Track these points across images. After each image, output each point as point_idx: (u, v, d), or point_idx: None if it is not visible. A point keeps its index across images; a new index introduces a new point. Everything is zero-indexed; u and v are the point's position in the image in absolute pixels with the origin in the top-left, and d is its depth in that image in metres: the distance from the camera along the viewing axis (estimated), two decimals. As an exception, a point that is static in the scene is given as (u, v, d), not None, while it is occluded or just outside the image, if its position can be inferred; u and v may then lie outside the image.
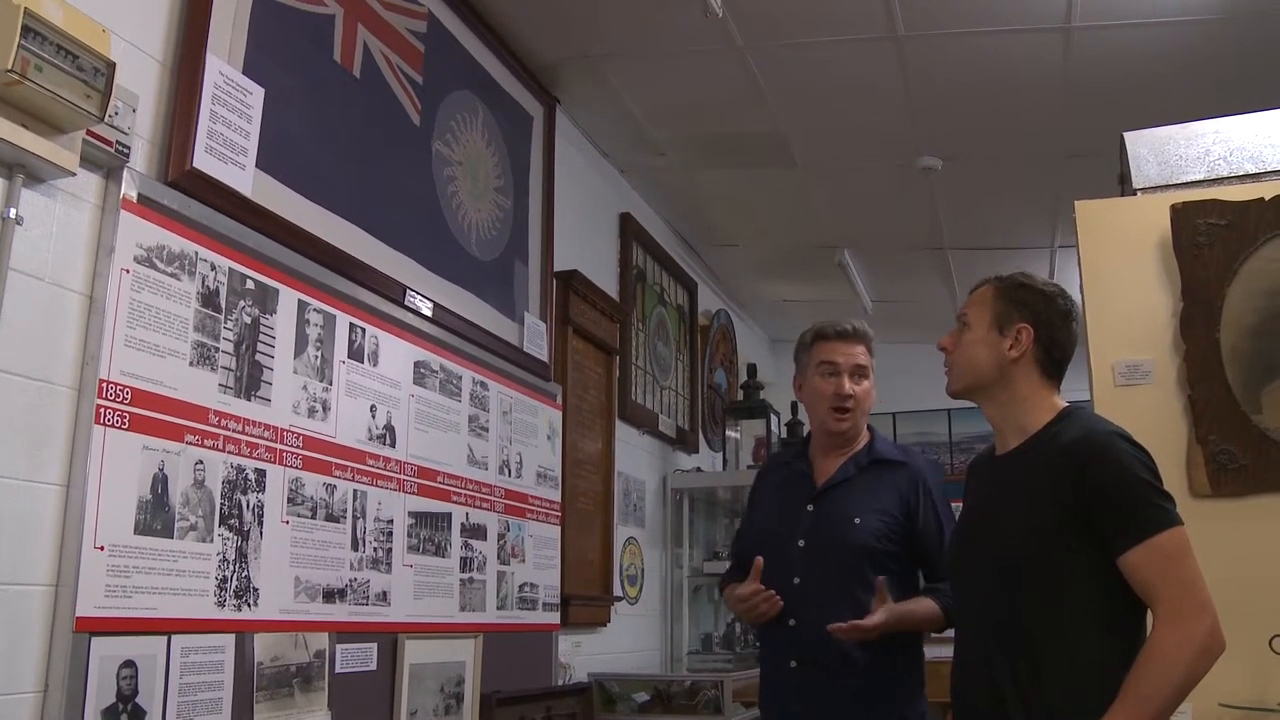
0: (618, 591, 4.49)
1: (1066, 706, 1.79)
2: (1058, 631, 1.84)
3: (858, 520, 2.56)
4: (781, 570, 2.58)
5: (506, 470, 3.49)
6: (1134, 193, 2.79)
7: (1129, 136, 2.85)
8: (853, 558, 2.53)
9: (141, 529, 2.05)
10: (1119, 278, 2.68)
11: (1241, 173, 2.70)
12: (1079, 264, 2.72)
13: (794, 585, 2.56)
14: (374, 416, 2.81)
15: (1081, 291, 2.70)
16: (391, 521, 2.83)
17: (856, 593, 2.49)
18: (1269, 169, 2.69)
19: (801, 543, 2.59)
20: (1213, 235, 2.57)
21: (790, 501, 2.68)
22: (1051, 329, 2.01)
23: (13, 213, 1.86)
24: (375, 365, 2.84)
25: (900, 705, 2.54)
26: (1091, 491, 1.81)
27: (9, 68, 1.73)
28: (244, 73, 2.44)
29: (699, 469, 5.57)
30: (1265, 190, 2.59)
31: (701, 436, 5.86)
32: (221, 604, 2.23)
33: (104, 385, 1.99)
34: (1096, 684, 1.77)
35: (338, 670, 2.58)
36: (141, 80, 2.20)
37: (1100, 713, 1.72)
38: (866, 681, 2.49)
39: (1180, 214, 2.61)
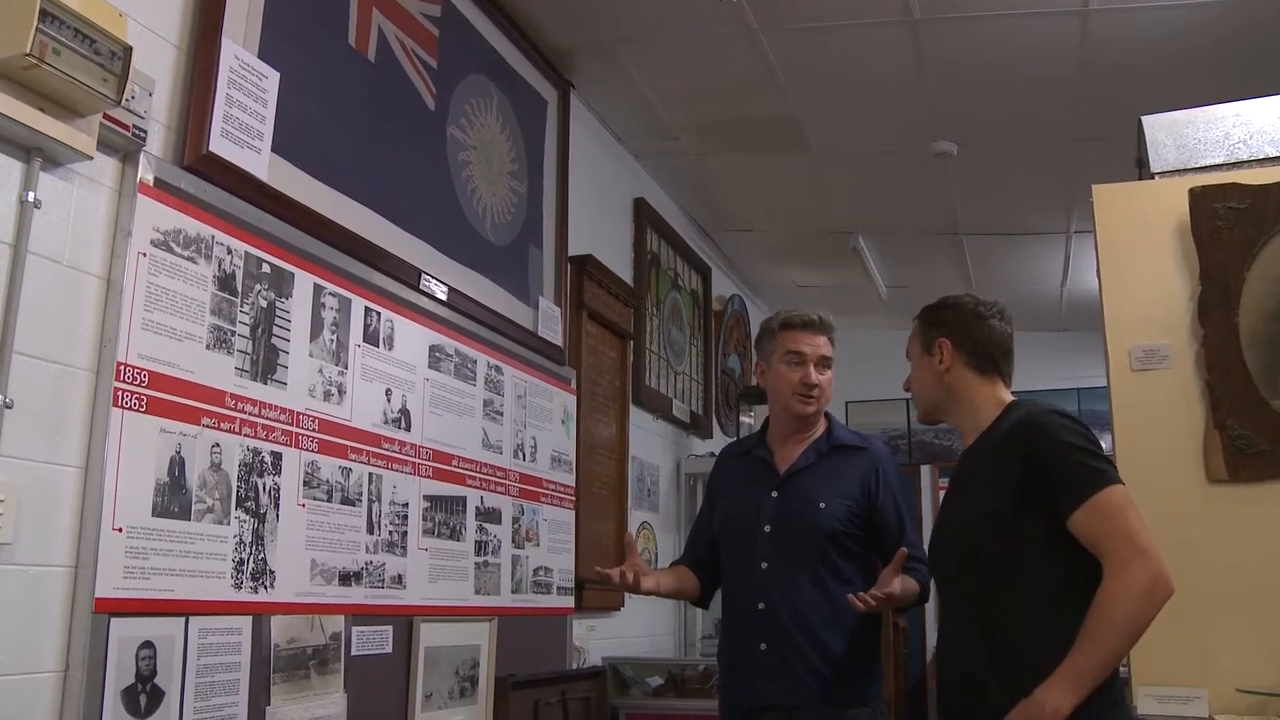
0: (632, 576, 4.49)
1: (1039, 678, 1.83)
2: (1021, 607, 1.93)
3: (822, 505, 2.62)
4: (749, 555, 2.65)
5: (521, 454, 3.50)
6: (1152, 177, 2.77)
7: (1147, 120, 2.83)
8: (817, 541, 2.59)
9: (159, 511, 2.06)
10: (1136, 262, 2.66)
11: (1262, 156, 2.67)
12: (1096, 248, 2.71)
13: (761, 570, 2.62)
14: (389, 400, 2.82)
15: (1099, 276, 2.69)
16: (407, 505, 2.84)
17: (822, 575, 2.57)
18: (1289, 152, 2.67)
19: (767, 528, 2.64)
20: (1232, 219, 2.55)
21: (754, 488, 2.73)
22: (967, 333, 2.16)
23: (31, 196, 1.87)
24: (390, 349, 2.84)
25: (865, 683, 2.60)
26: (1032, 464, 1.93)
27: (27, 51, 1.73)
28: (259, 56, 2.44)
29: (713, 454, 5.54)
30: (1285, 174, 2.57)
31: (715, 421, 5.87)
32: (238, 586, 2.24)
33: (122, 368, 2.00)
34: (1063, 654, 1.83)
35: (353, 652, 2.59)
36: (157, 64, 2.20)
37: None
38: (834, 661, 2.55)
39: (1199, 198, 2.59)
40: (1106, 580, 1.82)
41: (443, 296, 3.11)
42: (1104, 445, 2.01)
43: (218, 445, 2.22)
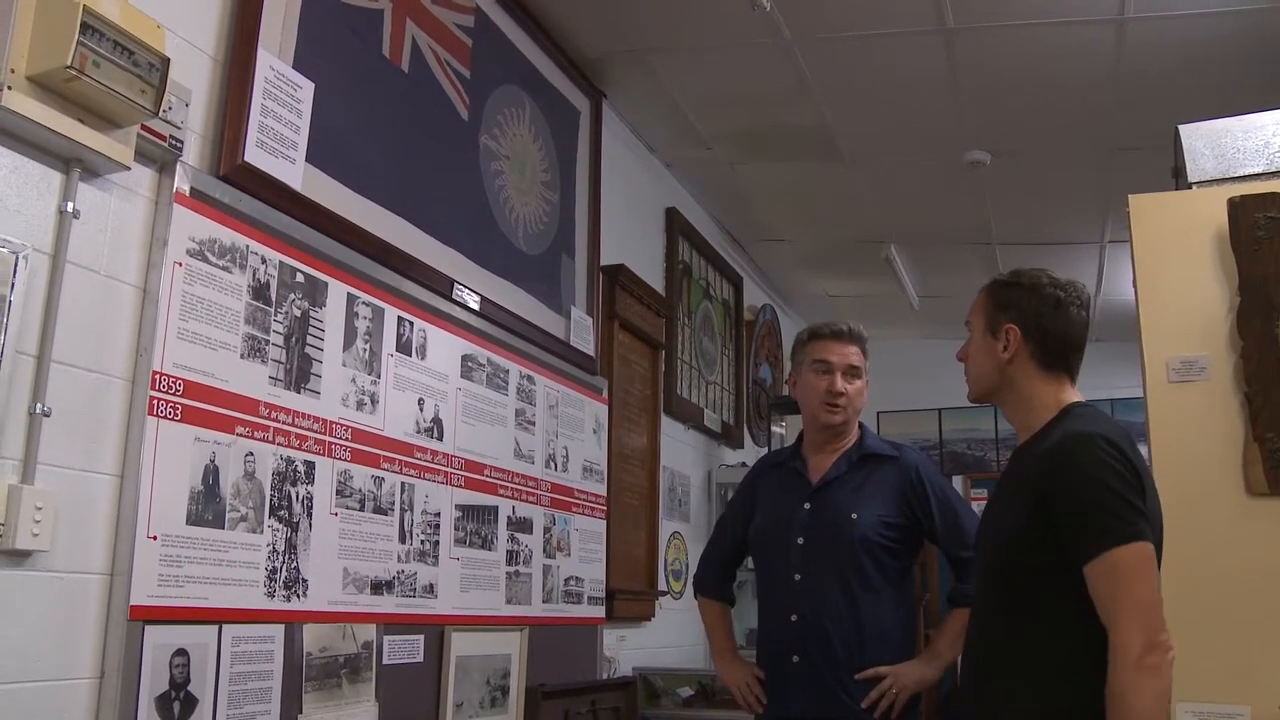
0: (662, 586, 4.49)
1: (1032, 709, 1.77)
2: (1030, 632, 1.81)
3: (855, 515, 2.60)
4: (783, 567, 2.65)
5: (553, 464, 3.50)
6: (1189, 186, 2.73)
7: (1184, 129, 2.80)
8: (851, 552, 2.58)
9: (193, 519, 2.07)
10: (1173, 273, 2.63)
11: (1303, 165, 2.64)
12: (1133, 259, 2.67)
13: (795, 581, 2.62)
14: (422, 409, 2.83)
15: (1135, 287, 2.66)
16: (439, 514, 2.85)
17: (855, 587, 2.56)
18: (1331, 161, 2.63)
19: (800, 540, 2.64)
20: (1272, 229, 2.51)
21: (787, 499, 2.72)
22: (1040, 320, 1.96)
23: (70, 206, 1.89)
24: (423, 358, 2.85)
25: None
26: (1055, 496, 1.78)
27: (68, 64, 1.75)
28: (294, 67, 2.46)
29: (744, 464, 5.55)
30: (1327, 183, 2.53)
31: (746, 431, 5.85)
32: (271, 594, 2.25)
33: (157, 377, 2.02)
34: (1060, 686, 1.76)
35: (385, 661, 2.60)
36: (194, 75, 2.22)
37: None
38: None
39: (1238, 207, 2.56)
40: (1121, 680, 1.66)
41: (475, 306, 3.11)
42: (1142, 455, 1.89)
43: (251, 454, 2.23)
